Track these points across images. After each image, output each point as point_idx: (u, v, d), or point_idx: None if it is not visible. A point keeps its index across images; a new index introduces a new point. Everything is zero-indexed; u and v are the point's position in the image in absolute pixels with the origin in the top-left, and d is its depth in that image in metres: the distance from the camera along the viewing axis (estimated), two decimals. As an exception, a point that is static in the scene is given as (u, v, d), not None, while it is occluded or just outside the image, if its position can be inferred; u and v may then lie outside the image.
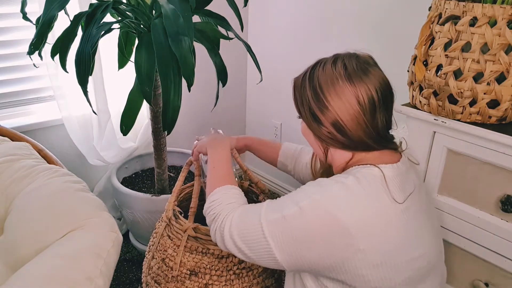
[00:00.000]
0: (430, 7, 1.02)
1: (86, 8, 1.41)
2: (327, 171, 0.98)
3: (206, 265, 1.06)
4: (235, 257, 1.06)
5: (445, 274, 0.98)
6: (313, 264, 0.80)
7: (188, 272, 1.07)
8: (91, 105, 1.26)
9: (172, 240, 1.11)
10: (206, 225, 1.09)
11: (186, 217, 1.13)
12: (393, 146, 0.87)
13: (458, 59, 0.92)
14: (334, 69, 0.83)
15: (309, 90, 0.85)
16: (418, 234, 0.83)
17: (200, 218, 1.20)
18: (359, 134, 0.82)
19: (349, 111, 0.80)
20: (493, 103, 0.93)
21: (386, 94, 0.83)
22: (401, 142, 0.89)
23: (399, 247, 0.79)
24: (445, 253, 1.10)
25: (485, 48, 0.90)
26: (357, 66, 0.83)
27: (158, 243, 1.14)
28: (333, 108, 0.81)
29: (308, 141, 0.92)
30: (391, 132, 0.88)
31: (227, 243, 0.85)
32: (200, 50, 1.43)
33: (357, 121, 0.81)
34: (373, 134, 0.82)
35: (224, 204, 0.90)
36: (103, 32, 1.18)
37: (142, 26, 1.33)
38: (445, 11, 0.95)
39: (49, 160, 1.34)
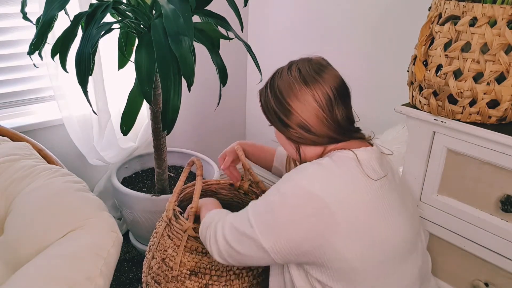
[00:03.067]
0: (430, 7, 1.02)
1: (86, 8, 1.41)
2: None
3: (206, 265, 1.06)
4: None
5: (429, 261, 1.01)
6: (298, 248, 0.83)
7: (188, 272, 1.07)
8: (91, 105, 1.26)
9: (172, 240, 1.11)
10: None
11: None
12: (358, 135, 0.94)
13: (458, 59, 0.92)
14: (290, 74, 0.91)
15: (272, 98, 0.92)
16: (392, 214, 0.88)
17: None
18: (323, 129, 0.89)
19: (310, 111, 0.88)
20: (493, 103, 0.93)
21: (340, 89, 0.90)
22: (369, 136, 0.96)
23: (374, 222, 0.84)
24: (445, 253, 1.11)
25: (485, 48, 0.90)
26: (310, 68, 0.90)
27: (158, 243, 1.14)
28: (296, 111, 0.89)
29: (281, 143, 0.99)
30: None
31: (220, 243, 0.90)
32: (200, 50, 1.43)
33: (318, 118, 0.88)
34: (335, 127, 0.89)
35: (216, 215, 0.98)
36: (103, 32, 1.18)
37: (142, 26, 1.33)
38: (445, 11, 0.95)
39: (49, 160, 1.34)
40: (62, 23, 1.34)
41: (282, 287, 0.96)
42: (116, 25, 1.28)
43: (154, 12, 1.32)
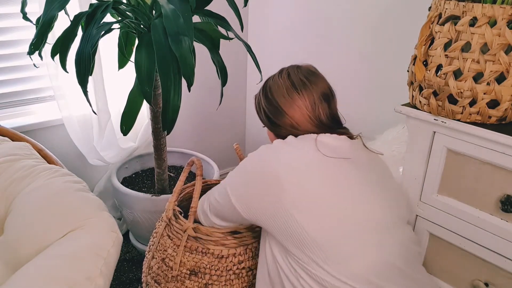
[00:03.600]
0: (430, 7, 1.02)
1: (86, 8, 1.41)
2: None
3: (206, 265, 1.06)
4: (235, 257, 1.07)
5: (413, 250, 1.01)
6: (261, 213, 0.92)
7: (188, 272, 1.07)
8: (91, 105, 1.26)
9: (172, 240, 1.11)
10: (206, 225, 1.09)
11: (186, 217, 1.13)
12: (342, 131, 1.01)
13: (458, 59, 0.92)
14: (280, 78, 1.03)
15: (263, 99, 1.05)
16: (356, 194, 0.93)
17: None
18: (308, 126, 1.00)
19: (297, 111, 0.99)
20: (493, 103, 0.93)
21: (325, 92, 1.01)
22: (358, 135, 1.04)
23: (326, 195, 0.90)
24: (445, 253, 1.11)
25: (485, 48, 0.90)
26: (299, 73, 1.02)
27: (158, 243, 1.14)
28: (285, 112, 1.00)
29: (271, 140, 1.07)
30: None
31: (211, 200, 1.04)
32: (200, 50, 1.44)
33: (304, 117, 0.99)
34: (318, 124, 0.99)
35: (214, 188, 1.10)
36: (103, 32, 1.18)
37: (142, 26, 1.33)
38: (445, 11, 0.95)
39: (49, 160, 1.34)
40: (62, 23, 1.34)
41: (265, 262, 1.00)
42: (116, 25, 1.28)
43: (154, 12, 1.32)
